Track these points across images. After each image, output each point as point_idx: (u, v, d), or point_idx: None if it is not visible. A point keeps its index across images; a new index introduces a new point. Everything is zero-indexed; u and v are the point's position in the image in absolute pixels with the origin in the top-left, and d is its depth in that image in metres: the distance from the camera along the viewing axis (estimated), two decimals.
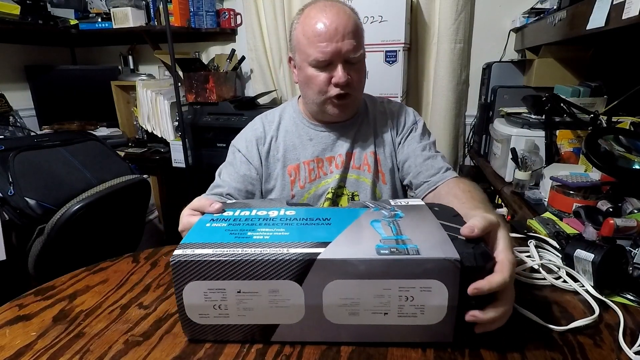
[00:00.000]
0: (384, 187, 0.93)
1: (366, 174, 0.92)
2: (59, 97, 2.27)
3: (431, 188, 0.84)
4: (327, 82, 0.82)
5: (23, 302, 0.60)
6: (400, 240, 0.46)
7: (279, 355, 0.47)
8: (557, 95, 1.25)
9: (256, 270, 0.44)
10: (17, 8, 1.78)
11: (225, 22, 2.13)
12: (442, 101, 1.90)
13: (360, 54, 0.83)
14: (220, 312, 0.47)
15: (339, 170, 0.91)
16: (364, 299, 0.45)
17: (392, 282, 0.44)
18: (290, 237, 0.48)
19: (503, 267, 0.45)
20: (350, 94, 0.84)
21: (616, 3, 0.84)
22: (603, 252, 0.58)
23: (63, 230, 1.29)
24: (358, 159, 0.92)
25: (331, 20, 0.78)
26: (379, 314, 0.46)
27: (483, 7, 1.84)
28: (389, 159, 0.94)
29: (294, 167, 0.92)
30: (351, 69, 0.82)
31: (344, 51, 0.79)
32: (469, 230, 0.46)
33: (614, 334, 0.50)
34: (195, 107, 1.96)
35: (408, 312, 0.45)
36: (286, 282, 0.45)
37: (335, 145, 0.92)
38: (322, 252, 0.44)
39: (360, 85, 0.87)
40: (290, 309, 0.46)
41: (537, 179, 1.23)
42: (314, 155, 0.92)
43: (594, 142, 0.97)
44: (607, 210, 0.84)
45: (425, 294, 0.44)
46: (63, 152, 1.48)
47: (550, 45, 1.44)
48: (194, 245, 0.47)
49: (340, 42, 0.79)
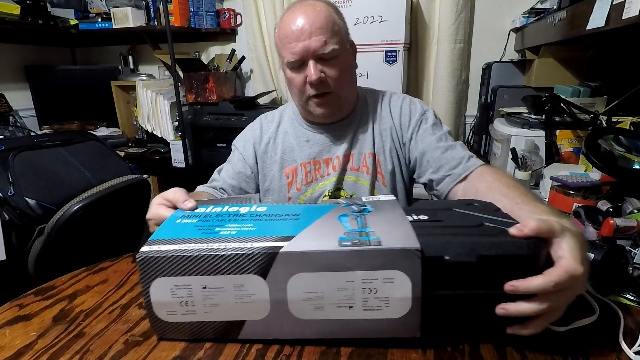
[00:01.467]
0: (383, 189, 0.90)
1: (365, 176, 0.89)
2: (59, 97, 2.27)
3: (455, 181, 0.78)
4: (304, 82, 0.81)
5: (23, 302, 0.60)
6: (364, 233, 0.47)
7: (279, 356, 0.47)
8: (557, 95, 1.25)
9: (220, 265, 0.45)
10: (17, 8, 1.78)
11: (225, 22, 2.13)
12: (442, 101, 1.90)
13: (333, 50, 0.78)
14: (187, 309, 0.47)
15: (336, 173, 0.90)
16: (328, 292, 0.45)
17: (354, 274, 0.44)
18: (257, 232, 0.48)
19: (552, 270, 0.42)
20: (329, 92, 0.82)
21: (616, 3, 0.84)
22: (603, 252, 0.58)
23: (63, 230, 1.29)
24: (357, 160, 0.90)
25: (298, 19, 0.78)
26: (344, 307, 0.46)
27: (483, 7, 1.84)
28: (390, 160, 0.90)
29: (291, 169, 0.91)
30: (326, 66, 0.80)
31: (312, 48, 0.78)
32: (517, 230, 0.44)
33: (614, 334, 0.50)
34: (195, 107, 1.96)
35: (373, 305, 0.45)
36: (250, 277, 0.45)
37: (332, 146, 0.91)
38: (285, 246, 0.45)
39: (340, 81, 0.82)
40: (255, 305, 0.46)
41: (537, 179, 1.23)
42: (310, 157, 0.91)
43: (594, 142, 0.97)
44: (607, 210, 0.84)
45: (389, 285, 0.44)
46: (63, 152, 1.48)
47: (550, 45, 1.44)
48: (162, 241, 0.48)
49: (308, 40, 0.77)
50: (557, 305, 0.43)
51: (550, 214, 0.52)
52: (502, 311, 0.43)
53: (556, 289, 0.41)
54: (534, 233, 0.43)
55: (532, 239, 0.44)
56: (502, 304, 0.43)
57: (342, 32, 0.82)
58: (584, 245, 0.46)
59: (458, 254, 0.43)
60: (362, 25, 1.67)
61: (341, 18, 0.84)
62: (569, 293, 0.43)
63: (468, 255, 0.43)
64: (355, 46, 0.89)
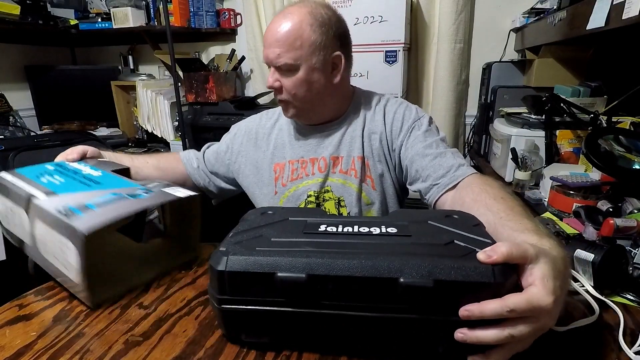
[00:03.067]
0: (373, 192, 0.89)
1: (352, 179, 0.88)
2: (59, 97, 2.27)
3: (442, 191, 0.76)
4: None
5: (23, 302, 0.60)
6: (83, 206, 0.56)
7: (279, 356, 0.47)
8: (557, 95, 1.25)
9: (14, 195, 0.65)
10: (17, 8, 1.78)
11: (225, 22, 2.13)
12: (442, 101, 1.90)
13: (286, 64, 0.79)
14: (7, 220, 0.70)
15: (321, 174, 0.90)
16: (51, 242, 0.57)
17: (59, 236, 0.55)
18: (52, 185, 0.64)
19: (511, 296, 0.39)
20: (286, 100, 0.85)
21: (616, 3, 0.84)
22: (603, 252, 0.58)
23: None
24: (345, 163, 0.89)
25: (270, 26, 0.82)
26: (58, 260, 0.58)
27: (483, 7, 1.84)
28: (380, 164, 0.89)
29: (280, 165, 0.93)
30: (283, 76, 0.83)
31: (269, 58, 0.82)
32: (485, 256, 0.41)
33: (614, 334, 0.50)
34: (195, 107, 1.96)
35: (65, 265, 0.56)
36: (21, 210, 0.63)
37: (319, 147, 0.91)
38: (40, 198, 0.60)
39: (294, 94, 0.83)
40: (26, 231, 0.63)
41: (537, 179, 1.23)
42: (299, 156, 0.92)
43: (594, 142, 0.96)
44: (607, 210, 0.84)
45: (66, 252, 0.54)
46: None
47: (550, 45, 1.44)
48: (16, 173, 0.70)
49: (268, 49, 0.81)
50: (519, 334, 0.39)
51: (534, 233, 0.50)
52: (460, 336, 0.41)
53: (513, 316, 0.38)
54: (503, 259, 0.40)
55: (499, 265, 0.41)
56: (461, 328, 0.41)
57: (308, 46, 0.79)
58: (560, 272, 0.42)
59: (414, 277, 0.41)
60: (362, 25, 1.67)
61: (320, 30, 0.79)
62: (533, 323, 0.39)
63: (424, 279, 0.41)
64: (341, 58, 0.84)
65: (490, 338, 0.39)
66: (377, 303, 0.43)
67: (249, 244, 0.48)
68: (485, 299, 0.40)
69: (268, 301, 0.45)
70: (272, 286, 0.44)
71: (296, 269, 0.43)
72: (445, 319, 0.42)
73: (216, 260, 0.46)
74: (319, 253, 0.45)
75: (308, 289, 0.43)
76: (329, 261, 0.43)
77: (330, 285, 0.43)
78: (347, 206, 0.89)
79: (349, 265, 0.43)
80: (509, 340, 0.39)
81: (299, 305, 0.45)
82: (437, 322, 0.42)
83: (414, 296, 0.42)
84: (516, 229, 0.53)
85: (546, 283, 0.39)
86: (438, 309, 0.42)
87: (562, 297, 0.41)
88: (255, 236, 0.50)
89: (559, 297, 0.40)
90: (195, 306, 0.58)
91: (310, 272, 0.43)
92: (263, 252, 0.46)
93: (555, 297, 0.39)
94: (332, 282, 0.43)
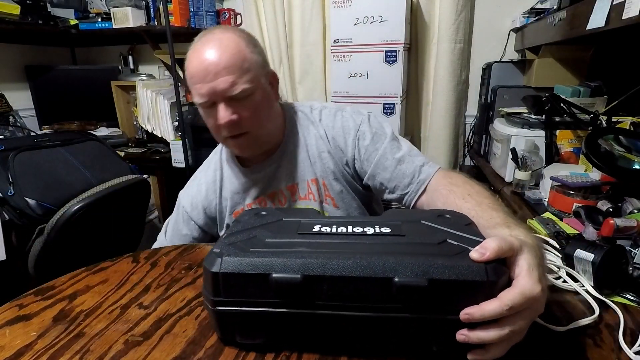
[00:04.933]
0: (336, 211, 0.86)
1: (312, 203, 0.85)
2: (59, 97, 2.27)
3: (415, 198, 0.76)
4: (216, 123, 0.76)
5: (23, 302, 0.60)
6: None
7: (279, 356, 0.47)
8: (557, 95, 1.25)
9: None
10: (17, 8, 1.78)
11: (225, 22, 2.13)
12: (442, 101, 1.90)
13: (243, 90, 0.72)
14: None
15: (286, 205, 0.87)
16: None
17: None
18: None
19: (506, 293, 0.40)
20: (245, 133, 0.76)
21: (616, 3, 0.84)
22: (603, 252, 0.58)
23: (63, 230, 1.29)
24: (302, 189, 0.86)
25: (203, 58, 0.71)
26: None
27: (483, 7, 1.84)
28: (336, 182, 0.85)
29: (239, 212, 0.88)
30: (239, 107, 0.73)
31: (219, 90, 0.71)
32: (478, 254, 0.41)
33: (614, 334, 0.50)
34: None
35: None
36: None
37: (273, 181, 0.87)
38: None
39: (255, 121, 0.76)
40: None
41: (537, 179, 1.23)
42: (255, 197, 0.88)
43: (594, 142, 0.96)
44: (607, 210, 0.84)
45: None
46: (63, 152, 1.48)
47: (550, 45, 1.44)
48: None
49: (214, 82, 0.71)
50: (518, 328, 0.40)
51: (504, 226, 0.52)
52: (462, 337, 0.41)
53: (512, 312, 0.39)
54: (495, 255, 0.41)
55: (492, 262, 0.41)
56: (462, 329, 0.41)
57: (255, 67, 0.74)
58: (542, 259, 0.44)
59: (408, 276, 0.41)
60: (362, 25, 1.67)
61: (255, 50, 0.76)
62: (528, 314, 0.41)
63: (419, 278, 0.41)
64: (275, 76, 0.82)
65: (492, 337, 0.40)
66: (372, 303, 0.43)
67: (243, 245, 0.47)
68: (479, 296, 0.40)
69: (263, 302, 0.45)
70: (267, 287, 0.44)
71: (291, 270, 0.43)
72: (439, 318, 0.42)
73: (210, 261, 0.46)
74: (313, 253, 0.45)
75: (303, 289, 0.43)
76: (324, 261, 0.43)
77: (325, 286, 0.43)
78: None
79: (343, 266, 0.43)
80: (510, 336, 0.40)
81: (294, 306, 0.45)
82: (432, 321, 0.43)
83: (408, 295, 0.42)
84: (486, 225, 0.54)
85: (532, 272, 0.41)
86: (432, 308, 0.42)
87: (546, 282, 0.43)
88: (250, 237, 0.50)
89: (544, 284, 0.41)
90: (195, 306, 0.58)
91: (305, 273, 0.43)
92: (257, 253, 0.46)
93: (542, 284, 0.41)
94: (327, 283, 0.43)
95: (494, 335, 0.40)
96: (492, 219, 0.56)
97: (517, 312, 0.39)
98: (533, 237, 0.49)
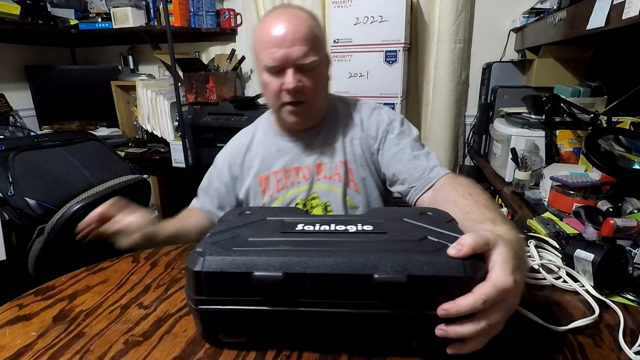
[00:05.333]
0: (357, 196, 0.90)
1: (337, 184, 0.89)
2: (59, 97, 2.27)
3: (419, 193, 0.79)
4: (279, 88, 0.80)
5: (23, 302, 0.60)
6: None
7: (279, 355, 0.47)
8: (557, 95, 1.25)
9: None
10: (17, 8, 1.78)
11: (225, 22, 2.13)
12: (442, 101, 1.90)
13: (313, 61, 0.79)
14: None
15: (307, 182, 0.90)
16: None
17: None
18: None
19: (480, 287, 0.40)
20: (304, 102, 0.82)
21: (616, 3, 0.84)
22: (603, 252, 0.58)
23: (63, 230, 1.29)
24: (329, 169, 0.90)
25: (282, 26, 0.77)
26: None
27: (483, 7, 1.84)
28: (362, 169, 0.90)
29: (264, 178, 0.93)
30: (304, 76, 0.80)
31: (294, 57, 0.77)
32: (455, 251, 0.42)
33: (614, 334, 0.50)
34: (195, 107, 1.97)
35: None
36: None
37: (301, 156, 0.91)
38: None
39: (316, 92, 0.83)
40: None
41: (537, 179, 1.23)
42: (282, 166, 0.92)
43: (594, 142, 0.96)
44: (607, 210, 0.84)
45: None
46: (63, 152, 1.48)
47: (550, 45, 1.44)
48: None
49: (289, 48, 0.77)
50: (494, 321, 0.41)
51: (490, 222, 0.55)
52: (440, 332, 0.42)
53: (487, 306, 0.40)
54: (472, 250, 0.42)
55: (470, 257, 0.42)
56: (440, 325, 0.42)
57: (322, 45, 0.83)
58: (517, 253, 0.44)
59: (388, 273, 0.42)
60: (362, 25, 1.67)
61: (322, 31, 0.84)
62: (503, 306, 0.41)
63: (398, 274, 0.42)
64: (330, 60, 0.89)
65: (468, 331, 0.41)
66: (353, 299, 0.44)
67: (226, 244, 0.47)
68: (457, 292, 0.41)
69: (245, 301, 0.45)
70: (249, 286, 0.44)
71: (273, 268, 0.44)
72: (419, 314, 0.43)
73: (193, 261, 0.46)
74: (295, 252, 0.45)
75: (285, 287, 0.44)
76: (306, 259, 0.44)
77: (306, 283, 0.44)
78: (334, 210, 0.90)
79: (324, 263, 0.43)
80: (487, 329, 0.41)
81: (276, 304, 0.45)
82: (412, 316, 0.44)
83: (388, 292, 0.43)
84: (477, 220, 0.58)
85: (505, 265, 0.42)
86: (412, 304, 0.43)
87: (521, 275, 0.43)
88: (233, 236, 0.50)
89: (518, 277, 0.42)
90: None
91: (287, 271, 0.43)
92: (240, 252, 0.46)
93: (514, 277, 0.41)
94: (308, 280, 0.43)
95: (471, 329, 0.41)
96: (482, 215, 0.59)
97: (492, 306, 0.40)
98: (515, 233, 0.50)
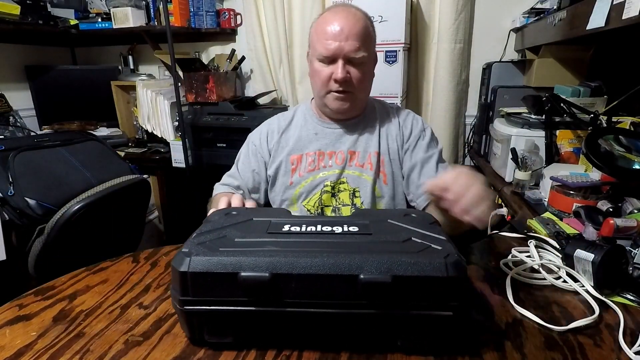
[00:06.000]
0: (384, 187, 0.96)
1: (368, 172, 0.95)
2: (59, 97, 2.27)
3: (424, 204, 0.90)
4: (329, 76, 0.88)
5: (23, 302, 0.60)
6: None
7: (279, 355, 0.47)
8: (557, 95, 1.25)
9: None
10: (17, 8, 1.78)
11: (225, 22, 2.13)
12: (442, 101, 1.90)
13: (363, 56, 0.86)
14: None
15: (339, 166, 0.96)
16: None
17: None
18: None
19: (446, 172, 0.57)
20: (350, 92, 0.89)
21: (616, 3, 0.84)
22: (603, 252, 0.58)
23: (63, 230, 1.29)
24: (362, 157, 0.96)
25: (339, 21, 0.85)
26: None
27: (483, 7, 1.84)
28: (391, 164, 0.96)
29: (297, 157, 0.98)
30: (353, 69, 0.87)
31: (346, 50, 0.85)
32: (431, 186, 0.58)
33: (614, 334, 0.50)
34: (195, 107, 1.96)
35: None
36: None
37: (338, 141, 0.97)
38: None
39: (361, 85, 0.90)
40: None
41: (537, 179, 1.23)
42: (316, 149, 0.97)
43: (594, 142, 0.96)
44: (607, 210, 0.84)
45: None
46: (63, 152, 1.48)
47: (550, 45, 1.44)
48: None
49: (344, 42, 0.84)
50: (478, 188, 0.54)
51: None
52: None
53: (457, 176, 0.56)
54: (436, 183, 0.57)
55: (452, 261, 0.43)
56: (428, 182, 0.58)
57: (372, 43, 0.91)
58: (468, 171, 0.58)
59: (373, 273, 0.43)
60: None
61: (374, 32, 0.92)
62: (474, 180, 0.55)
63: (383, 275, 0.43)
64: (376, 59, 0.96)
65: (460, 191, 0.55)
66: (339, 299, 0.44)
67: (212, 245, 0.48)
68: (439, 291, 0.43)
69: (231, 301, 0.45)
70: (236, 286, 0.44)
71: (259, 268, 0.44)
72: (403, 313, 0.44)
73: (178, 261, 0.46)
74: (282, 252, 0.45)
75: (271, 287, 0.44)
76: (292, 260, 0.44)
77: (293, 284, 0.44)
78: (362, 197, 0.95)
79: (311, 264, 0.44)
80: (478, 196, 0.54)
81: (262, 304, 0.45)
82: (396, 316, 0.44)
83: (373, 292, 0.43)
84: None
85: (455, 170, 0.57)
86: (396, 304, 0.44)
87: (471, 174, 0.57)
88: (219, 237, 0.50)
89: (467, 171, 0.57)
90: None
91: (273, 271, 0.44)
92: (226, 252, 0.46)
93: (461, 169, 0.57)
94: (294, 281, 0.44)
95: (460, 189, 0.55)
96: None
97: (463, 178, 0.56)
98: None
